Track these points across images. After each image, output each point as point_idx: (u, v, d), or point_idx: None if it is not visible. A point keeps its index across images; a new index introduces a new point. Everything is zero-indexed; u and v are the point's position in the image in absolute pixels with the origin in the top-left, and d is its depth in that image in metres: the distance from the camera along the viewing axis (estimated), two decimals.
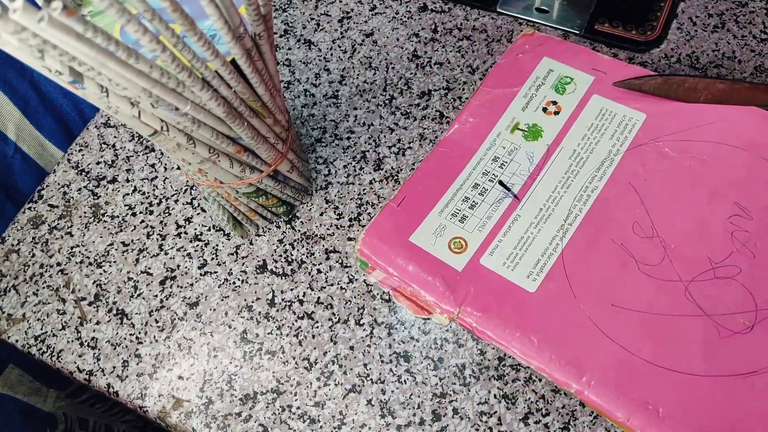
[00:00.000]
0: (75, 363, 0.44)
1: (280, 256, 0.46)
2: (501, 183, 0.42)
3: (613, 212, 0.40)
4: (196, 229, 0.48)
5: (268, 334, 0.43)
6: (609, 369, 0.35)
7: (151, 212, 0.49)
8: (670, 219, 0.40)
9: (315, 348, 0.42)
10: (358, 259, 0.40)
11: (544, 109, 0.44)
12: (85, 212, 0.50)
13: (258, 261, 0.46)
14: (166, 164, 0.51)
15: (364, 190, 0.47)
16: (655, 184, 0.41)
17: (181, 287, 0.46)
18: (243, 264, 0.46)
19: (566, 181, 0.42)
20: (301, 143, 0.50)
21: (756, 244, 0.38)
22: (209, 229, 0.48)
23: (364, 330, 0.42)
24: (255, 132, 0.36)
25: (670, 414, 0.34)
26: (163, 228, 0.48)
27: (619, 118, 0.44)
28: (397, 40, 0.54)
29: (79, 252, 0.48)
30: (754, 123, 0.42)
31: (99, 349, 0.44)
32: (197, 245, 0.47)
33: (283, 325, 0.43)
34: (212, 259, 0.46)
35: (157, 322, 0.45)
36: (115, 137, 0.53)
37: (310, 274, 0.45)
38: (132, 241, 0.48)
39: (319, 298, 0.44)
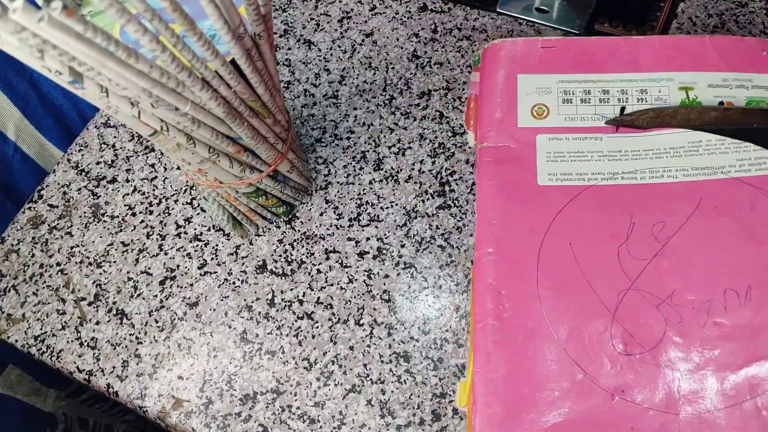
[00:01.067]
0: (75, 363, 0.44)
1: (280, 256, 0.46)
2: None
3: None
4: (196, 229, 0.48)
5: (268, 334, 0.43)
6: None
7: (151, 212, 0.49)
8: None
9: (315, 348, 0.42)
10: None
11: None
12: (85, 212, 0.50)
13: (258, 261, 0.46)
14: (166, 164, 0.51)
15: (364, 190, 0.47)
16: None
17: (181, 287, 0.46)
18: (243, 264, 0.46)
19: None
20: (301, 143, 0.50)
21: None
22: (209, 229, 0.48)
23: (364, 330, 0.42)
24: (255, 132, 0.36)
25: None
26: (163, 228, 0.48)
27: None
28: (397, 40, 0.54)
29: (79, 252, 0.48)
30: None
31: (99, 349, 0.44)
32: (197, 245, 0.47)
33: (282, 325, 0.43)
34: (212, 259, 0.46)
35: (157, 322, 0.45)
36: (115, 137, 0.53)
37: (309, 274, 0.45)
38: (132, 241, 0.48)
39: (319, 298, 0.44)
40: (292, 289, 0.44)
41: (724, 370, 0.34)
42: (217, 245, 0.47)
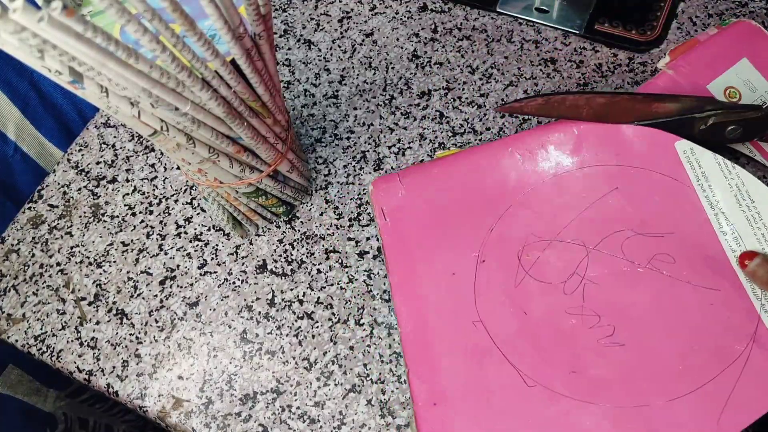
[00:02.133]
0: (75, 363, 0.44)
1: (280, 256, 0.46)
2: None
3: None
4: (196, 229, 0.48)
5: (268, 334, 0.43)
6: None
7: (151, 212, 0.49)
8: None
9: (315, 348, 0.42)
10: None
11: None
12: (85, 212, 0.50)
13: (258, 261, 0.46)
14: (166, 164, 0.51)
15: (364, 190, 0.47)
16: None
17: (181, 287, 0.46)
18: (243, 264, 0.46)
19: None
20: (301, 143, 0.50)
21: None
22: (209, 229, 0.48)
23: (364, 330, 0.42)
24: (255, 132, 0.36)
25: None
26: (162, 228, 0.48)
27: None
28: (397, 40, 0.54)
29: (79, 252, 0.48)
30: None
31: (99, 349, 0.44)
32: (197, 245, 0.47)
33: (283, 325, 0.43)
34: (212, 259, 0.46)
35: (157, 322, 0.45)
36: (115, 137, 0.53)
37: (310, 274, 0.45)
38: (132, 241, 0.48)
39: (319, 298, 0.44)
40: (292, 289, 0.44)
41: None
42: (217, 245, 0.47)
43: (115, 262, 0.47)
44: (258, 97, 0.35)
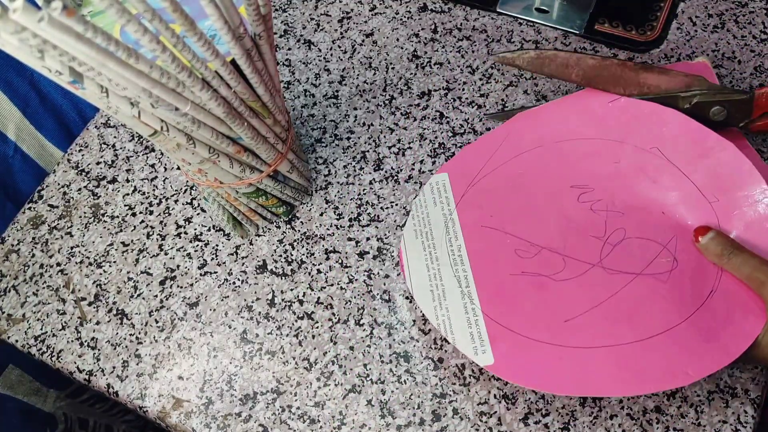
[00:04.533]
0: (75, 363, 0.44)
1: (280, 256, 0.46)
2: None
3: (492, 255, 0.41)
4: (196, 229, 0.48)
5: (268, 334, 0.43)
6: (609, 369, 0.36)
7: (151, 212, 0.49)
8: (538, 230, 0.41)
9: (315, 348, 0.42)
10: None
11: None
12: (85, 212, 0.50)
13: (258, 261, 0.46)
14: (166, 164, 0.51)
15: (364, 190, 0.47)
16: (502, 213, 0.43)
17: (181, 287, 0.46)
18: (243, 264, 0.46)
19: (431, 257, 0.42)
20: (301, 143, 0.50)
21: (614, 203, 0.41)
22: (209, 229, 0.48)
23: (364, 330, 0.42)
24: (255, 132, 0.36)
25: (698, 368, 0.34)
26: (163, 228, 0.48)
27: (428, 188, 0.45)
28: (397, 40, 0.54)
29: (79, 252, 0.48)
30: (529, 122, 0.45)
31: (99, 349, 0.44)
32: (197, 245, 0.47)
33: (283, 325, 0.43)
34: (212, 259, 0.46)
35: (157, 322, 0.45)
36: (115, 137, 0.53)
37: (310, 274, 0.45)
38: (132, 241, 0.48)
39: (319, 298, 0.44)
40: (292, 289, 0.44)
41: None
42: (217, 245, 0.47)
43: (115, 262, 0.47)
44: (258, 98, 0.35)
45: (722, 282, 0.36)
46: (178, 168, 0.51)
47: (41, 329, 0.46)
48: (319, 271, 0.45)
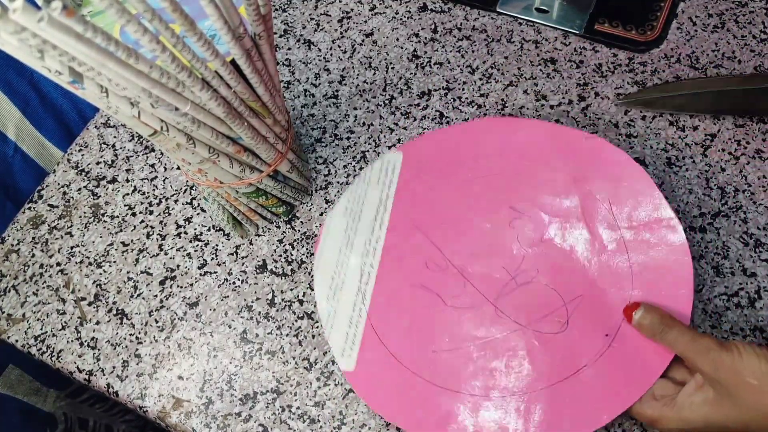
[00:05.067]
0: (75, 363, 0.44)
1: (280, 256, 0.46)
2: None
3: (404, 256, 0.40)
4: (196, 229, 0.48)
5: (268, 334, 0.43)
6: (452, 418, 0.35)
7: (151, 212, 0.49)
8: (457, 244, 0.40)
9: (315, 348, 0.42)
10: None
11: None
12: (85, 212, 0.50)
13: (258, 261, 0.46)
14: (166, 164, 0.51)
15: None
16: (433, 215, 0.41)
17: (181, 287, 0.46)
18: (243, 264, 0.46)
19: (348, 241, 0.41)
20: (301, 143, 0.50)
21: (542, 241, 0.39)
22: (209, 229, 0.48)
23: None
24: (255, 132, 0.36)
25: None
26: (163, 228, 0.48)
27: (377, 164, 0.44)
28: (397, 40, 0.54)
29: (79, 252, 0.48)
30: (497, 129, 0.43)
31: (99, 349, 0.44)
32: (197, 245, 0.47)
33: (283, 325, 0.43)
34: (212, 259, 0.46)
35: (157, 322, 0.45)
36: (115, 137, 0.53)
37: (310, 274, 0.45)
38: (132, 241, 0.48)
39: None
40: (292, 289, 0.44)
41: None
42: (217, 245, 0.47)
43: (115, 262, 0.47)
44: (258, 97, 0.35)
45: (600, 360, 0.35)
46: (178, 168, 0.51)
47: (41, 329, 0.46)
48: None
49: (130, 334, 0.44)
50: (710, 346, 0.32)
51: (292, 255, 0.46)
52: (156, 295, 0.46)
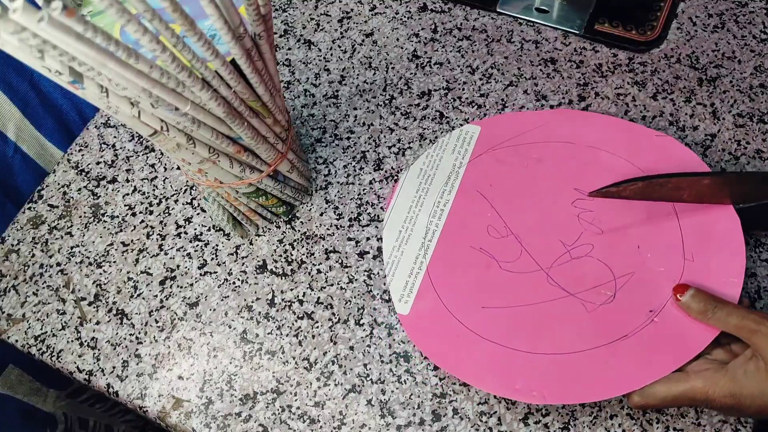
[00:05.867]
0: (75, 363, 0.44)
1: (280, 256, 0.46)
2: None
3: (468, 220, 0.43)
4: (196, 229, 0.48)
5: (268, 334, 0.43)
6: (491, 367, 0.37)
7: (151, 212, 0.49)
8: (519, 216, 0.43)
9: (315, 348, 0.42)
10: None
11: None
12: (85, 212, 0.50)
13: (258, 261, 0.46)
14: (166, 164, 0.51)
15: (364, 190, 0.47)
16: (500, 187, 0.44)
17: (181, 287, 0.46)
18: (243, 264, 0.46)
19: (418, 200, 0.44)
20: (301, 143, 0.50)
21: (601, 220, 0.41)
22: (209, 229, 0.48)
23: (364, 330, 0.42)
24: (255, 132, 0.36)
25: (553, 393, 0.36)
26: (163, 228, 0.48)
27: (456, 134, 0.47)
28: (397, 40, 0.54)
29: (79, 252, 0.48)
30: (571, 120, 0.46)
31: (99, 349, 0.44)
32: (197, 245, 0.47)
33: (283, 325, 0.43)
34: (212, 259, 0.46)
35: (157, 322, 0.45)
36: (115, 137, 0.53)
37: (310, 274, 0.45)
38: (132, 241, 0.48)
39: (319, 298, 0.44)
40: (292, 289, 0.44)
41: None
42: (217, 245, 0.47)
43: (115, 262, 0.47)
44: (258, 97, 0.35)
45: (640, 332, 0.37)
46: (178, 168, 0.51)
47: (41, 329, 0.46)
48: (319, 271, 0.45)
49: (130, 334, 0.44)
50: (762, 321, 0.32)
51: (292, 255, 0.46)
52: (156, 295, 0.46)
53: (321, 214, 0.47)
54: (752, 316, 0.33)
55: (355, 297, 0.43)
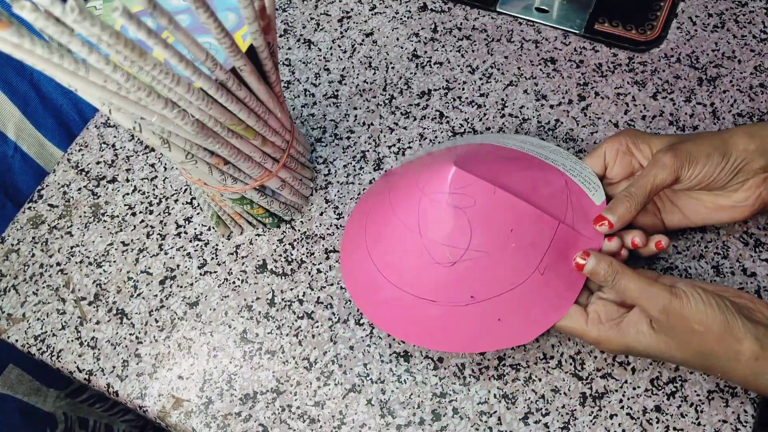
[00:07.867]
0: (75, 363, 0.44)
1: (280, 255, 0.46)
2: None
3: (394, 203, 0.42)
4: (195, 228, 0.48)
5: (268, 333, 0.43)
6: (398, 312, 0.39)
7: (151, 212, 0.49)
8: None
9: (315, 348, 0.42)
10: None
11: None
12: (85, 212, 0.50)
13: (258, 261, 0.46)
14: (165, 164, 0.51)
15: (364, 189, 0.47)
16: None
17: (181, 287, 0.46)
18: (243, 264, 0.46)
19: None
20: (309, 159, 0.50)
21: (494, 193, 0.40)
22: (209, 229, 0.48)
23: (364, 330, 0.42)
24: (236, 150, 0.35)
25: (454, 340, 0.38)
26: (162, 228, 0.48)
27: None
28: (397, 39, 0.54)
29: (79, 252, 0.48)
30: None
31: (99, 349, 0.44)
32: (197, 245, 0.47)
33: (283, 324, 0.43)
34: (212, 258, 0.46)
35: (157, 321, 0.45)
36: (115, 137, 0.53)
37: (310, 273, 0.45)
38: (132, 240, 0.48)
39: (319, 297, 0.44)
40: (292, 289, 0.44)
41: None
42: (217, 245, 0.47)
43: (115, 261, 0.47)
44: (241, 121, 0.34)
45: (529, 281, 0.38)
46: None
47: (41, 329, 0.46)
48: (319, 271, 0.45)
49: (130, 334, 0.44)
50: (660, 294, 0.33)
51: (292, 255, 0.46)
52: (156, 295, 0.46)
53: (321, 214, 0.47)
54: (651, 289, 0.33)
55: None
